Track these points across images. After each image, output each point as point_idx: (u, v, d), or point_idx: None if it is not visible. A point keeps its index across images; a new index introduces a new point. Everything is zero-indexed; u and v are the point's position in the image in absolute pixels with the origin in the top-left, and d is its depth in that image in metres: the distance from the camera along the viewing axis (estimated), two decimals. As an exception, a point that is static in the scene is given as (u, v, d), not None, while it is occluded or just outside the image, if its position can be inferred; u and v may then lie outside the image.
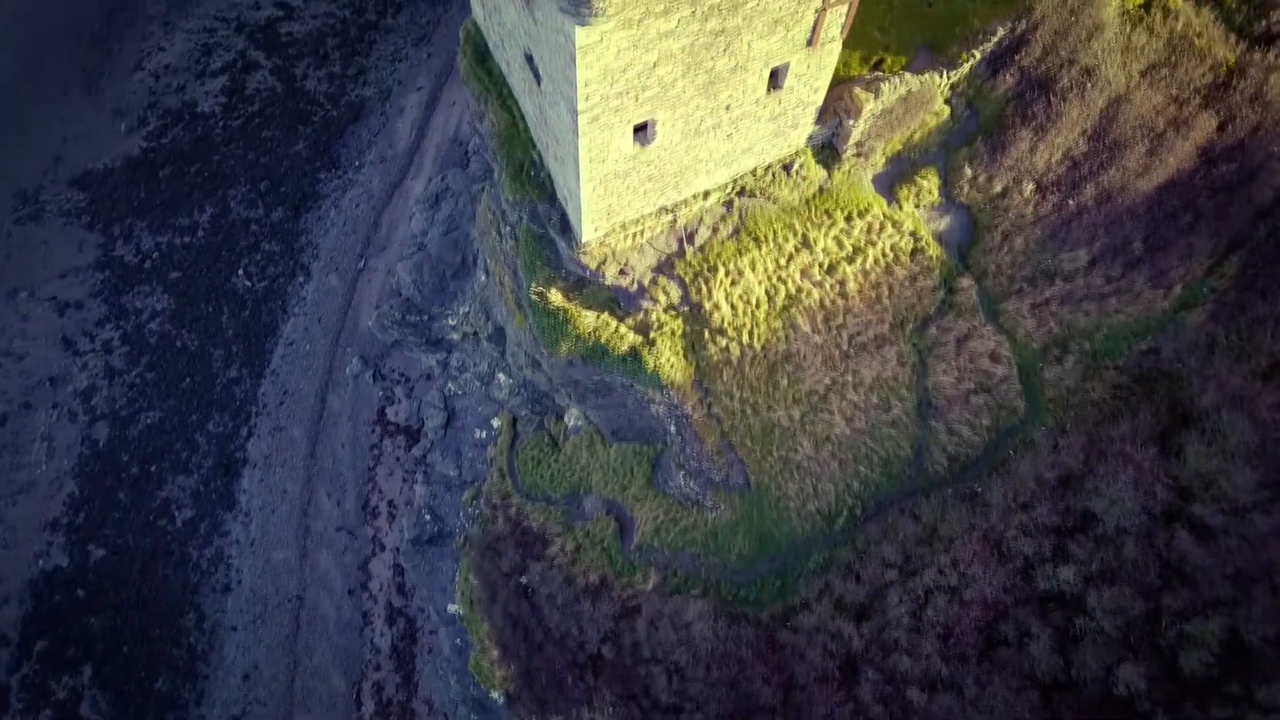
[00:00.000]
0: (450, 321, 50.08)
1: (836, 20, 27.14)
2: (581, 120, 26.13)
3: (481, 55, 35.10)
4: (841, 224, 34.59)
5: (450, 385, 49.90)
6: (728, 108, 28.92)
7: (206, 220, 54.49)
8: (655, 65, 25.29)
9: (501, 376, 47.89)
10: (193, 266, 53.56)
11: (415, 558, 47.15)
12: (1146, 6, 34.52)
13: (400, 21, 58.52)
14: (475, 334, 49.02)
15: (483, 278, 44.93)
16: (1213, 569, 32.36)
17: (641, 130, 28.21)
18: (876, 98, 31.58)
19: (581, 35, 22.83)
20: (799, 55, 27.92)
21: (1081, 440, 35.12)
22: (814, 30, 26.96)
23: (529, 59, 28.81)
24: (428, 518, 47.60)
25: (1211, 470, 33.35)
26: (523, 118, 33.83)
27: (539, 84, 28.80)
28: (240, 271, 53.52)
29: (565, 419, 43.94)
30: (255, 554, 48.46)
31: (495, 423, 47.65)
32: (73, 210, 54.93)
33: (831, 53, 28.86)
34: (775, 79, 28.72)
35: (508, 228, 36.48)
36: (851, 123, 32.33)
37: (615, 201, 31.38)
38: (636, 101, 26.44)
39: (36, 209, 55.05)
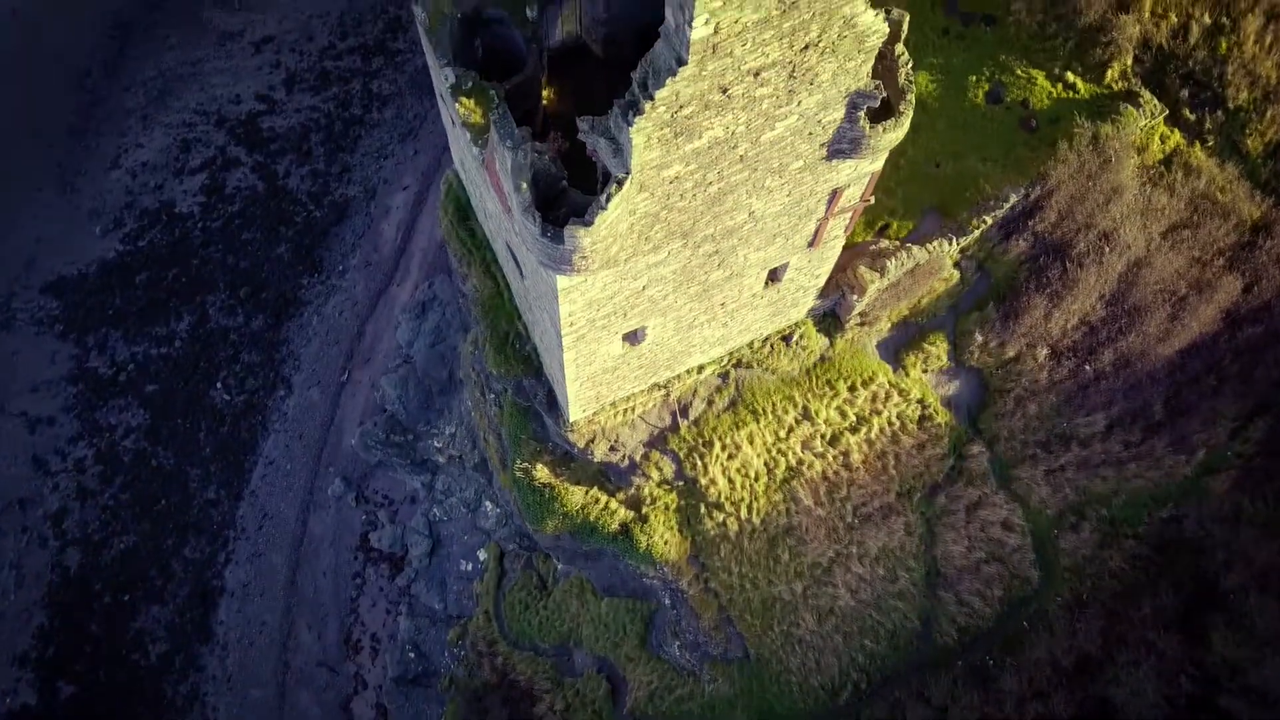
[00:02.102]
0: (436, 443, 48.07)
1: (840, 223, 25.25)
2: (566, 339, 24.26)
3: (464, 213, 33.19)
4: (844, 394, 32.67)
5: (435, 510, 47.86)
6: (723, 305, 27.03)
7: (184, 329, 52.43)
8: (645, 288, 23.40)
9: (489, 505, 45.88)
10: (169, 379, 51.48)
11: (399, 698, 45.07)
12: (1167, 163, 32.68)
13: (386, 116, 56.57)
14: (461, 458, 47.01)
15: (470, 402, 42.96)
16: (1241, 766, 30.53)
17: (631, 334, 26.31)
18: (882, 275, 29.68)
19: (563, 279, 20.94)
20: (799, 255, 26.03)
21: (1099, 622, 33.21)
22: (816, 235, 25.06)
23: (511, 251, 26.92)
24: (412, 655, 45.54)
25: (1239, 658, 31.47)
26: (507, 285, 31.93)
27: (522, 276, 26.90)
28: (219, 384, 51.44)
29: (555, 559, 41.91)
30: (232, 691, 46.33)
31: (482, 555, 45.62)
32: (45, 319, 52.85)
33: (835, 248, 26.99)
34: (774, 275, 26.83)
35: (492, 395, 34.52)
36: (855, 297, 30.43)
37: (604, 389, 29.50)
38: (625, 318, 24.57)
39: (8, 317, 52.99)
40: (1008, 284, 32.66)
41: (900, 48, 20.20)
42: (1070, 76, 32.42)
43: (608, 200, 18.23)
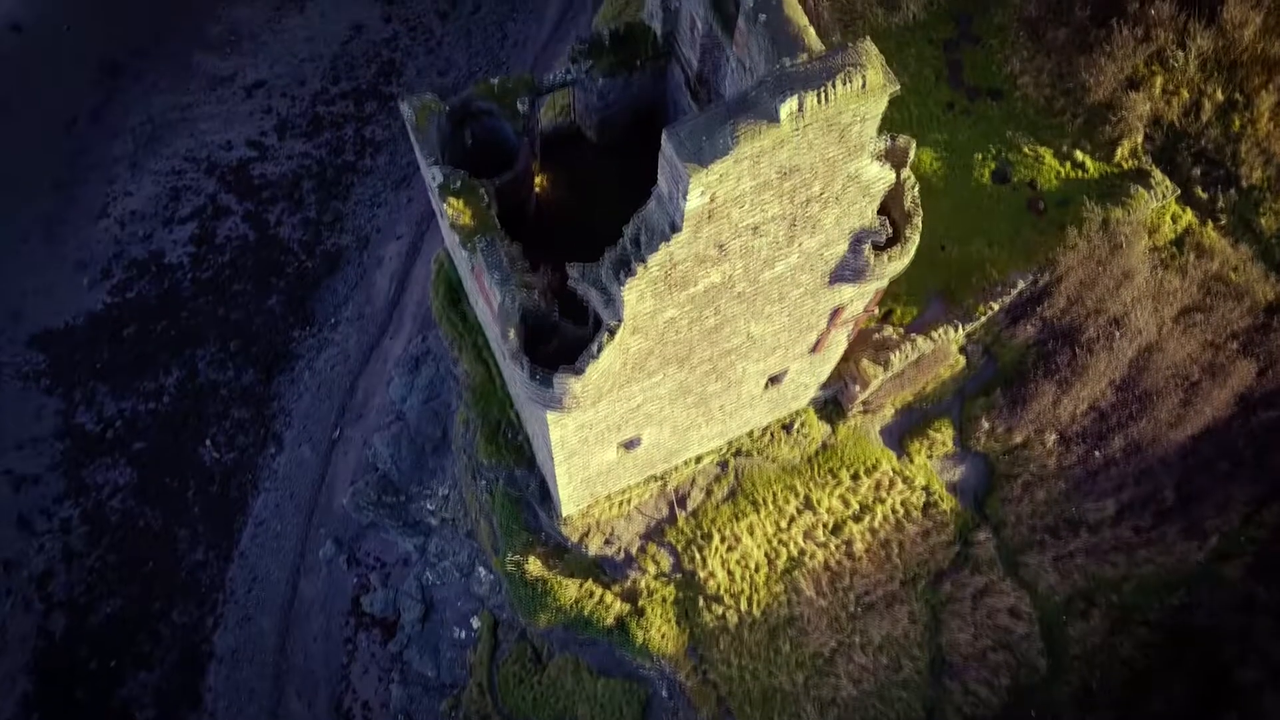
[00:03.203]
0: (429, 505, 47.03)
1: (844, 332, 24.32)
2: (557, 456, 23.31)
3: (455, 295, 32.19)
4: (847, 482, 31.71)
5: (428, 574, 46.83)
6: (721, 408, 26.08)
7: (173, 384, 51.41)
8: (640, 406, 22.44)
9: (482, 571, 44.81)
10: (158, 436, 50.45)
11: (391, 770, 44.06)
12: (1179, 244, 31.73)
13: (379, 163, 55.62)
14: (454, 522, 45.99)
15: (461, 480, 41.91)
16: None
17: (626, 442, 25.35)
18: (886, 368, 28.73)
19: (552, 414, 19.98)
20: (801, 361, 25.08)
21: (1110, 714, 32.27)
22: (818, 344, 24.11)
23: (502, 354, 25.97)
24: (404, 725, 44.53)
25: (1256, 757, 30.59)
26: (499, 372, 30.95)
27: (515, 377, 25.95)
28: (208, 441, 50.42)
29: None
30: (221, 761, 45.39)
31: (475, 623, 44.57)
32: (31, 373, 51.80)
33: (837, 351, 26.05)
34: (775, 379, 25.87)
35: (483, 480, 33.55)
36: (858, 388, 29.48)
37: (599, 486, 28.56)
38: (619, 431, 23.61)
39: (-7, 372, 52.10)
40: (1015, 370, 31.70)
41: (907, 172, 19.23)
42: (1079, 155, 31.46)
43: (599, 350, 17.26)
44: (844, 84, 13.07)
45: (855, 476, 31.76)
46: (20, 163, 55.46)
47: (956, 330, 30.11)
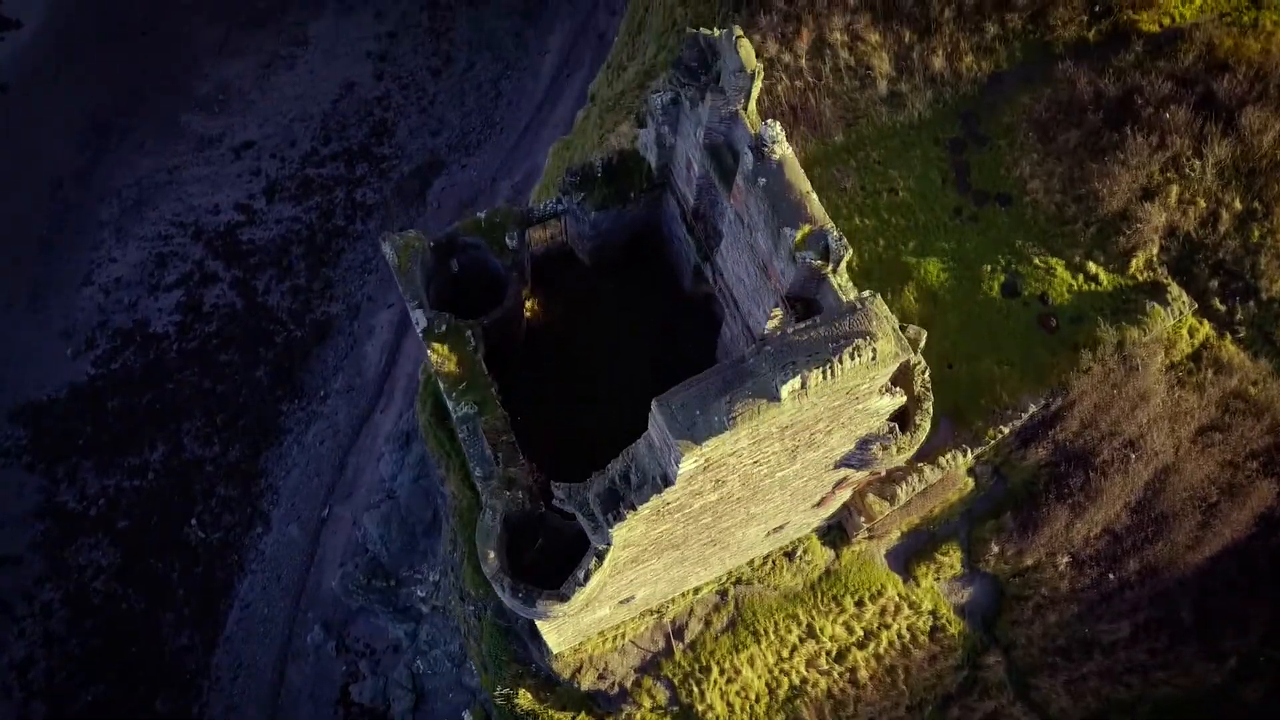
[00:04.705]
0: (419, 591, 45.65)
1: (849, 491, 23.07)
2: (543, 627, 22.05)
3: (443, 411, 30.89)
4: (851, 609, 30.39)
5: (419, 662, 45.49)
6: (720, 560, 24.84)
7: (158, 460, 50.09)
8: (632, 581, 21.18)
9: (473, 663, 43.49)
10: (142, 514, 49.11)
11: None
12: (1195, 359, 30.49)
13: (370, 227, 54.40)
14: (445, 610, 44.63)
15: (449, 600, 40.64)
16: None
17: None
18: (892, 503, 27.47)
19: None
20: (804, 514, 23.85)
21: None
22: (821, 502, 22.87)
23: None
24: (393, 823, 43.17)
25: None
26: (487, 496, 29.68)
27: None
28: (193, 520, 49.08)
29: (544, 737, 39.44)
30: None
31: (467, 717, 43.18)
32: (13, 449, 50.46)
33: (841, 501, 24.79)
34: (777, 529, 24.62)
35: (471, 606, 32.26)
36: (863, 519, 28.21)
37: (591, 630, 27.29)
38: (611, 600, 22.32)
39: (-27, 448, 50.81)
40: (1026, 492, 30.39)
41: (917, 357, 17.98)
42: (1092, 266, 30.28)
43: (587, 577, 15.98)
44: (852, 358, 11.82)
45: (860, 603, 30.45)
46: (3, 229, 54.19)
47: (965, 455, 28.87)
